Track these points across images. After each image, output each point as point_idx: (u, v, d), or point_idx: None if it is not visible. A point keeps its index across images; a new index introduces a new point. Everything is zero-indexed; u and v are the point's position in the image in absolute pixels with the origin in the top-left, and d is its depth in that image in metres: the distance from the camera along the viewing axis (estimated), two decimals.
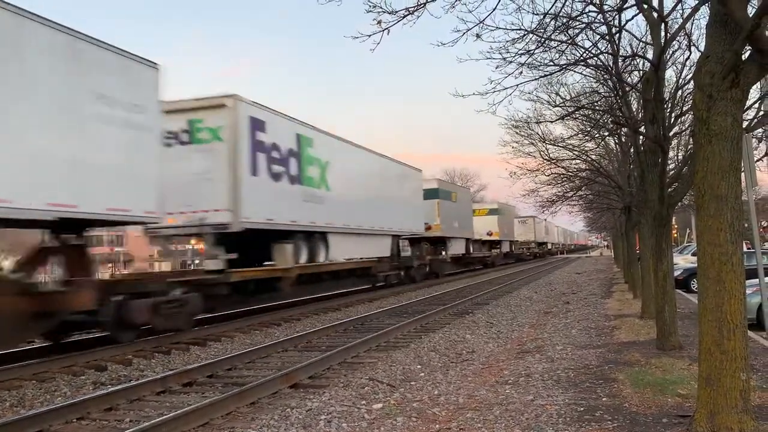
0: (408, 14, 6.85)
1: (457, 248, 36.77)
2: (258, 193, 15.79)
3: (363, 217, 22.18)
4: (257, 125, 15.97)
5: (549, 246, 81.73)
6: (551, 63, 10.08)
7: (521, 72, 9.09)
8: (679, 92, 11.68)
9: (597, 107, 13.52)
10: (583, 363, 8.79)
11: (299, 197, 17.95)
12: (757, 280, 9.62)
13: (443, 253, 34.52)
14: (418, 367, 9.20)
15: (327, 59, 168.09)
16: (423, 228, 29.42)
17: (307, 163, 18.53)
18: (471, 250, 40.80)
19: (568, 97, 15.39)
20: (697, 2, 8.55)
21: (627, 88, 11.03)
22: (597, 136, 17.09)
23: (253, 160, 15.79)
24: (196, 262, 21.24)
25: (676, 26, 9.63)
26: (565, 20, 8.65)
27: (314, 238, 18.92)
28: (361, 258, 22.88)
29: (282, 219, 16.98)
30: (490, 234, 46.49)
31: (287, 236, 17.34)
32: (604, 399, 6.70)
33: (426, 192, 30.64)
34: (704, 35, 5.41)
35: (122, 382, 8.79)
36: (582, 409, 6.32)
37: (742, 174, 6.96)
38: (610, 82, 11.68)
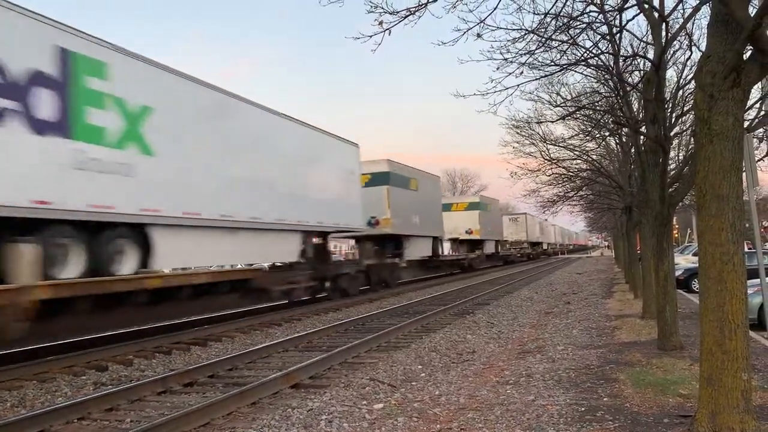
0: (409, 14, 6.84)
1: (419, 249, 29.51)
2: None
3: (239, 203, 15.00)
4: None
5: (544, 246, 74.79)
6: (552, 63, 10.07)
7: (522, 72, 9.10)
8: (680, 92, 11.70)
9: (598, 107, 13.52)
10: (584, 363, 8.78)
11: (63, 160, 10.43)
12: (759, 280, 9.60)
13: (398, 255, 27.07)
14: (419, 367, 9.20)
15: (327, 59, 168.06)
16: (362, 223, 22.73)
17: (88, 103, 11.00)
18: (441, 252, 33.99)
19: (568, 97, 15.39)
20: (698, 2, 8.54)
21: (628, 88, 11.03)
22: (598, 136, 17.08)
23: None
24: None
25: (677, 26, 9.63)
26: (566, 20, 8.65)
27: (110, 234, 11.49)
28: (228, 266, 15.38)
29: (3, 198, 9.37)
30: (469, 232, 40.46)
31: (32, 230, 10.00)
32: (605, 399, 6.70)
33: (372, 177, 24.36)
34: (705, 35, 5.42)
35: (123, 383, 8.80)
36: (583, 409, 6.31)
37: (744, 174, 6.95)
38: (611, 82, 11.67)
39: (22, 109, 9.84)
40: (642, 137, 10.88)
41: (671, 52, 10.65)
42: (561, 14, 8.32)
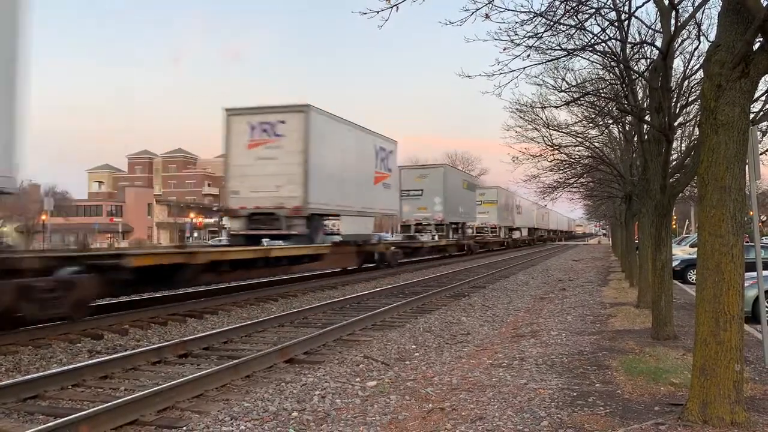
0: None
1: None
2: None
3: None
4: None
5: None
6: (559, 47, 10.00)
7: (528, 55, 9.04)
8: (686, 82, 11.60)
9: (602, 94, 13.43)
10: (578, 349, 8.83)
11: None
12: (755, 273, 9.61)
13: None
14: (413, 347, 9.24)
15: (329, 40, 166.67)
16: None
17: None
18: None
19: (574, 83, 15.26)
20: None
21: (634, 76, 10.95)
22: (601, 123, 16.99)
23: None
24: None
25: (687, 15, 9.54)
26: (574, 4, 8.57)
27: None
28: None
29: None
30: None
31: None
32: (597, 385, 6.74)
33: None
34: (714, 25, 5.37)
35: (118, 351, 8.84)
36: (575, 394, 6.35)
37: (746, 166, 6.93)
38: (616, 70, 11.59)
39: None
40: (646, 126, 10.83)
41: (679, 41, 10.56)
42: None
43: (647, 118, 10.15)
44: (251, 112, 19.23)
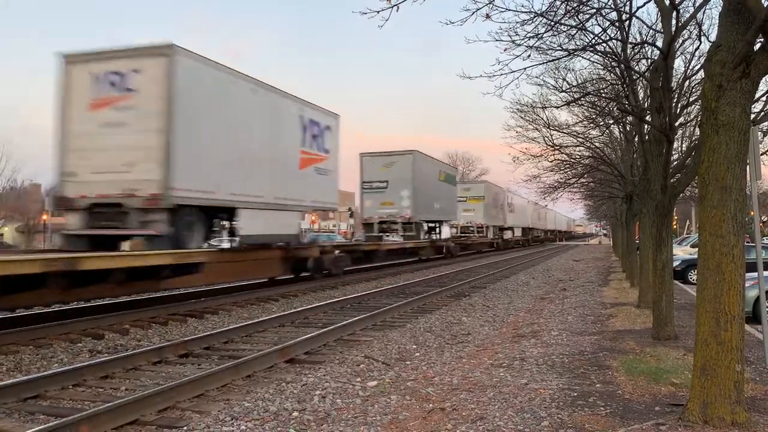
0: None
1: None
2: None
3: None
4: None
5: None
6: (560, 47, 9.99)
7: (529, 55, 9.02)
8: (687, 82, 11.59)
9: (603, 94, 13.42)
10: (578, 349, 8.83)
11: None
12: (756, 273, 9.59)
13: None
14: (414, 347, 9.24)
15: (328, 40, 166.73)
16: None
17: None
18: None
19: (574, 83, 15.25)
20: None
21: (635, 76, 10.94)
22: (602, 123, 16.98)
23: None
24: None
25: (688, 15, 9.54)
26: (575, 4, 8.56)
27: None
28: None
29: None
30: None
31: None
32: (597, 385, 6.74)
33: None
34: (715, 26, 5.37)
35: (119, 351, 8.84)
36: (575, 394, 6.35)
37: (747, 166, 6.92)
38: (617, 70, 11.57)
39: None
40: (646, 126, 10.83)
41: (680, 41, 10.55)
42: None
43: (648, 118, 10.15)
44: (95, 57, 13.57)
